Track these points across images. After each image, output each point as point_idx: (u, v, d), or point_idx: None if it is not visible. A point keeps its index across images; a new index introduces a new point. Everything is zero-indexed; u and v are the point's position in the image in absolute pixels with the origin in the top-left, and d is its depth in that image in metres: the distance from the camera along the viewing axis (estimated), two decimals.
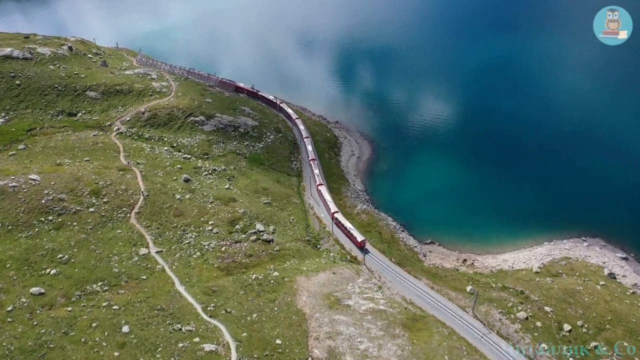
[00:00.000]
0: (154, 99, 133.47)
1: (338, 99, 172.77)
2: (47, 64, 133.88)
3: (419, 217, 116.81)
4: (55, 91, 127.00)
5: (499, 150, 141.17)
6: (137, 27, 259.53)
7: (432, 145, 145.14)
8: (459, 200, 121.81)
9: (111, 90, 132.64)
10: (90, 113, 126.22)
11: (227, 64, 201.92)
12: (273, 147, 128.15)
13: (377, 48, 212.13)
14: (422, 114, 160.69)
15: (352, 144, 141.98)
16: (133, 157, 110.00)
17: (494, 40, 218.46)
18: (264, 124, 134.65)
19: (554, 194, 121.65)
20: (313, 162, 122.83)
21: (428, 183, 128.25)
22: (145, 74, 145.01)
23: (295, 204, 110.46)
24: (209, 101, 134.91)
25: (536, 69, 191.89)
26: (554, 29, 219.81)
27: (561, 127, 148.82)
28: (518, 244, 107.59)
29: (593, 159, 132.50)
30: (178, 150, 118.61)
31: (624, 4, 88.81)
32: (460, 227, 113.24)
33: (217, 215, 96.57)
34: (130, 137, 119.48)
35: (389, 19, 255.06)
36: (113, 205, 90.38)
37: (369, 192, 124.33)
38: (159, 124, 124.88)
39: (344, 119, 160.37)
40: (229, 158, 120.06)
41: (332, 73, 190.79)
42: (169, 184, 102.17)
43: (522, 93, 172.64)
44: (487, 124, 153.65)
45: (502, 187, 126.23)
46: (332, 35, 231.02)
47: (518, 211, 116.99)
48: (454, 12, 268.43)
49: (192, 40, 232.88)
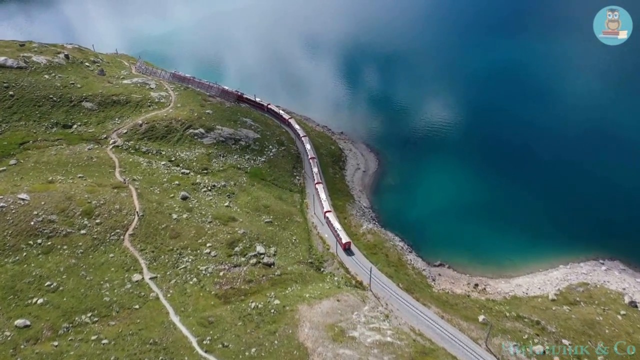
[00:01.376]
0: (152, 110, 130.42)
1: (343, 108, 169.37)
2: (42, 73, 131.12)
3: (428, 236, 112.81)
4: (50, 102, 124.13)
5: (511, 163, 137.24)
6: (139, 30, 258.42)
7: (440, 157, 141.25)
8: (468, 218, 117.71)
9: (108, 100, 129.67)
10: (86, 125, 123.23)
11: (229, 70, 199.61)
12: (275, 161, 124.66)
13: (383, 54, 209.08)
14: (430, 124, 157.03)
15: (357, 156, 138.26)
16: (129, 172, 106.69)
17: (502, 44, 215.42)
18: (265, 136, 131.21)
19: (569, 211, 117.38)
20: (313, 161, 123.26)
21: (436, 199, 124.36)
22: (144, 83, 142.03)
23: (298, 223, 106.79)
24: (209, 112, 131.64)
25: (548, 73, 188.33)
26: (562, 31, 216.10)
27: (577, 136, 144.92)
28: (532, 266, 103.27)
29: (610, 172, 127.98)
30: (176, 165, 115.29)
31: (624, 4, 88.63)
32: (470, 247, 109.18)
33: (215, 236, 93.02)
34: (126, 151, 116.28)
35: (395, 23, 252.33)
36: (106, 227, 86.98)
37: (375, 209, 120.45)
38: (157, 137, 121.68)
39: (349, 129, 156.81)
40: (229, 173, 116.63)
41: (336, 80, 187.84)
42: (165, 202, 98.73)
43: (535, 99, 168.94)
44: (499, 135, 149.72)
45: (514, 203, 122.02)
46: (336, 40, 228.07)
47: (531, 230, 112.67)
48: (461, 15, 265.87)
49: (194, 44, 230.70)
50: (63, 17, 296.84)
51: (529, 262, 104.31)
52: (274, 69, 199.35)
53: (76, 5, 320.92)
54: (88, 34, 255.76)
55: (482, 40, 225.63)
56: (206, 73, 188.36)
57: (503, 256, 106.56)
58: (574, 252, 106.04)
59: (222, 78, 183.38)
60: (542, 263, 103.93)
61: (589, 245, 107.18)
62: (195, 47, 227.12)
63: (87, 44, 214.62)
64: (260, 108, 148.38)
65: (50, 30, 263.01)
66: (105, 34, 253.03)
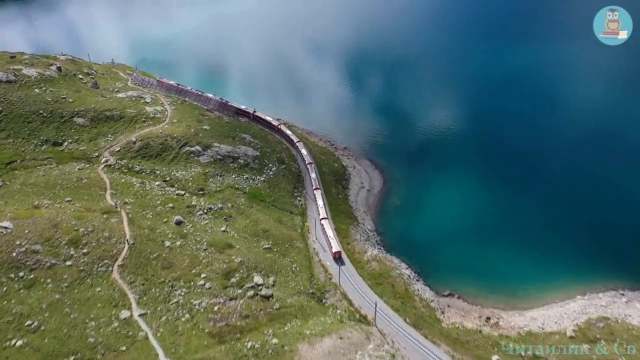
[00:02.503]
0: (147, 125, 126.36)
1: (347, 120, 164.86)
2: (32, 87, 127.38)
3: (436, 262, 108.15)
4: (40, 118, 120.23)
5: (523, 178, 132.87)
6: (139, 36, 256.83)
7: (448, 173, 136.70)
8: (479, 240, 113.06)
9: (101, 116, 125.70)
10: (77, 142, 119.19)
11: (227, 79, 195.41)
12: (275, 180, 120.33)
13: (388, 62, 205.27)
14: (437, 137, 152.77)
15: (361, 174, 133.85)
16: (120, 195, 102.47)
17: (509, 50, 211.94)
18: (265, 153, 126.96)
19: (586, 233, 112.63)
20: (310, 166, 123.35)
21: (444, 219, 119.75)
22: (139, 97, 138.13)
23: (299, 249, 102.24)
24: (206, 128, 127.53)
25: (559, 79, 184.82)
26: (570, 34, 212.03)
27: (594, 149, 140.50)
28: (547, 297, 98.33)
29: (632, 190, 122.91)
30: (171, 185, 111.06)
31: (624, 4, 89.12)
32: (481, 273, 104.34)
33: (210, 265, 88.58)
34: (119, 170, 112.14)
35: (399, 29, 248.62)
36: (93, 257, 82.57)
37: (380, 232, 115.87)
38: (151, 155, 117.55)
39: (353, 144, 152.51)
40: (226, 194, 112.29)
41: (340, 91, 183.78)
42: (158, 228, 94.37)
43: (547, 108, 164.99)
44: (511, 147, 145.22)
45: (527, 223, 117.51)
46: (339, 48, 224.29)
47: (546, 254, 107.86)
48: (466, 19, 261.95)
49: (193, 51, 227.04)
50: (63, 21, 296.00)
51: (544, 292, 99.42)
52: (275, 79, 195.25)
53: (76, 8, 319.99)
54: (87, 39, 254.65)
55: (489, 46, 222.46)
56: (205, 82, 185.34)
57: (516, 284, 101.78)
58: (592, 281, 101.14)
59: (220, 88, 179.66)
60: (557, 293, 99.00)
61: (608, 273, 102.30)
62: (194, 54, 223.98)
63: (85, 49, 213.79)
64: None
65: (49, 35, 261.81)
66: (105, 39, 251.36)
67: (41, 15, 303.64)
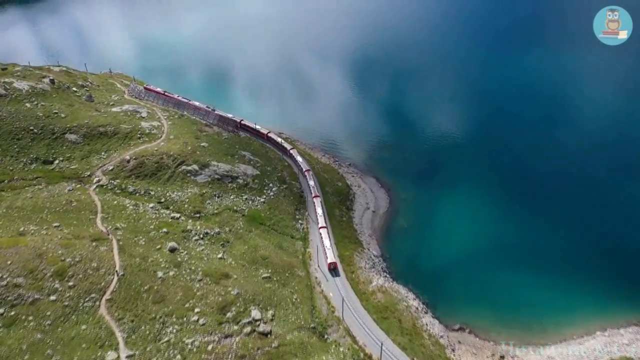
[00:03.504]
0: (142, 142, 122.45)
1: (352, 135, 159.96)
2: (23, 101, 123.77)
3: (445, 291, 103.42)
4: (30, 134, 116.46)
5: (538, 197, 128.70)
6: (141, 40, 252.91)
7: (458, 192, 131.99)
8: (491, 267, 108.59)
9: (94, 132, 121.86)
10: (69, 160, 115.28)
11: (230, 91, 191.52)
12: (276, 201, 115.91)
13: (395, 72, 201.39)
14: (446, 153, 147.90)
15: (366, 193, 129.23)
16: (112, 219, 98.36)
17: (522, 58, 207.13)
18: (266, 172, 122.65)
19: (605, 260, 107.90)
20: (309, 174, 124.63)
21: (454, 244, 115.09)
22: (135, 111, 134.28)
23: (300, 278, 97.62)
24: (204, 145, 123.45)
25: (575, 90, 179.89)
26: (585, 42, 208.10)
27: (615, 166, 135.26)
28: (565, 332, 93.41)
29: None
30: (166, 208, 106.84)
31: (624, 4, 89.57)
32: (494, 305, 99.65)
33: (205, 298, 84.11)
34: (111, 191, 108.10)
35: (407, 37, 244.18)
36: (80, 291, 78.32)
37: (386, 258, 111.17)
38: (146, 175, 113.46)
39: (358, 159, 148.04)
40: (224, 217, 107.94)
41: (345, 104, 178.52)
42: (150, 257, 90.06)
43: (564, 121, 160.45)
44: (525, 165, 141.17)
45: (542, 248, 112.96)
46: (344, 57, 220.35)
47: (562, 284, 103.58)
48: (476, 26, 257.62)
49: (195, 58, 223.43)
50: (65, 24, 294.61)
51: (561, 326, 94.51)
52: (278, 89, 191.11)
53: (79, 11, 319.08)
54: (88, 43, 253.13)
55: (500, 53, 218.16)
56: (206, 91, 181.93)
57: (531, 317, 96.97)
58: (613, 314, 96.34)
59: (222, 99, 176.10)
60: (576, 328, 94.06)
61: (630, 305, 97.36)
62: (195, 61, 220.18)
63: (85, 54, 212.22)
64: (263, 138, 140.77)
65: (50, 39, 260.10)
66: (106, 44, 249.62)
67: (43, 18, 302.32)
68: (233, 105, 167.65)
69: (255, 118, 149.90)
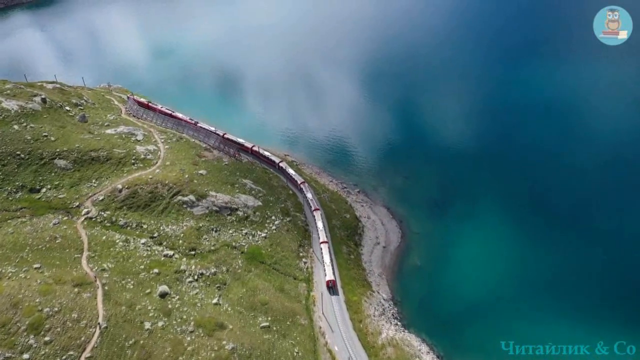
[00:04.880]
0: (136, 169, 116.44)
1: (362, 159, 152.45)
2: (11, 123, 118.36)
3: (463, 341, 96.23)
4: (16, 160, 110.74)
5: (569, 237, 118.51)
6: (149, 47, 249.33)
7: (479, 228, 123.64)
8: (515, 314, 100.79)
9: (85, 157, 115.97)
10: (57, 188, 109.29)
11: (231, 105, 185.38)
12: (278, 236, 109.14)
13: (409, 92, 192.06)
14: (467, 184, 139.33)
15: (376, 226, 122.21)
16: (99, 258, 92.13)
17: (543, 69, 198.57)
18: (268, 203, 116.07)
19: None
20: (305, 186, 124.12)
21: (473, 287, 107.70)
22: (130, 133, 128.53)
23: (302, 327, 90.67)
24: (202, 173, 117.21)
25: (606, 109, 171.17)
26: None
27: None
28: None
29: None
30: (159, 244, 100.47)
31: (624, 4, 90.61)
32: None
33: (196, 354, 77.42)
34: (101, 225, 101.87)
35: (421, 47, 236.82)
36: (56, 347, 71.89)
37: (397, 302, 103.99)
38: (139, 206, 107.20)
39: (369, 186, 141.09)
40: (221, 254, 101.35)
41: (354, 125, 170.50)
42: (138, 304, 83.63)
43: (594, 139, 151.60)
44: (557, 197, 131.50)
45: (574, 296, 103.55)
46: (354, 72, 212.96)
47: (602, 333, 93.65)
48: (495, 35, 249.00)
49: (198, 68, 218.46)
50: (72, 28, 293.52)
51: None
52: (285, 107, 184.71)
53: (88, 15, 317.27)
54: (90, 51, 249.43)
55: (519, 67, 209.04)
56: (206, 106, 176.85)
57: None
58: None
59: (222, 114, 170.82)
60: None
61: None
62: (199, 72, 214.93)
63: (84, 64, 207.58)
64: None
65: (56, 42, 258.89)
66: (108, 51, 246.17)
67: (51, 22, 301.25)
68: (234, 124, 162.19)
69: (261, 140, 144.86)
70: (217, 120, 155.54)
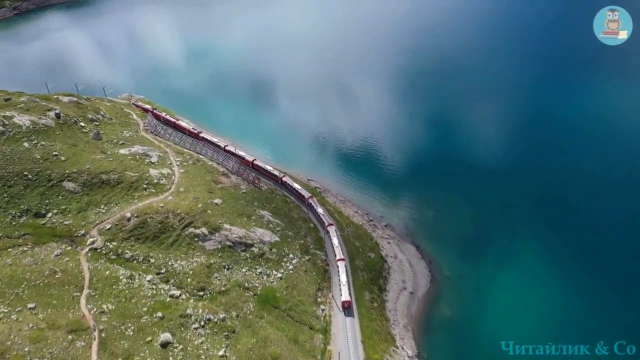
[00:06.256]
0: (148, 195, 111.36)
1: (392, 187, 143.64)
2: (21, 140, 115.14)
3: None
4: (23, 181, 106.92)
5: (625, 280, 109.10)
6: (181, 51, 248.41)
7: (517, 273, 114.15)
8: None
9: (95, 180, 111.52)
10: (64, 214, 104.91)
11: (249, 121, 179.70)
12: (295, 278, 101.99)
13: (446, 112, 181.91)
14: (502, 219, 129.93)
15: (403, 267, 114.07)
16: (100, 297, 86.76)
17: (599, 88, 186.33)
18: (286, 239, 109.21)
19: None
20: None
21: (512, 344, 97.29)
22: (144, 154, 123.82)
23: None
24: (217, 203, 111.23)
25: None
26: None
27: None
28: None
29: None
30: (165, 281, 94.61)
31: (624, 4, 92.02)
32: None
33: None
34: (105, 257, 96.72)
35: (461, 61, 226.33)
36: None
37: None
38: (147, 237, 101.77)
39: (397, 219, 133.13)
40: (232, 296, 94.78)
41: (383, 148, 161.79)
42: (137, 354, 77.75)
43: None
44: (603, 232, 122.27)
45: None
46: (388, 86, 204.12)
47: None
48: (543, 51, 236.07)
49: (226, 76, 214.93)
50: (106, 28, 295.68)
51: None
52: (312, 123, 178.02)
53: (122, 16, 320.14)
54: (118, 54, 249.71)
55: (567, 85, 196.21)
56: (231, 119, 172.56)
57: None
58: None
59: (247, 134, 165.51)
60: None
61: None
62: (225, 80, 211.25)
63: (111, 69, 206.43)
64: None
65: (87, 42, 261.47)
66: (136, 55, 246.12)
67: (80, 24, 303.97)
68: (257, 142, 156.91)
69: (284, 161, 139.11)
70: (235, 136, 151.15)
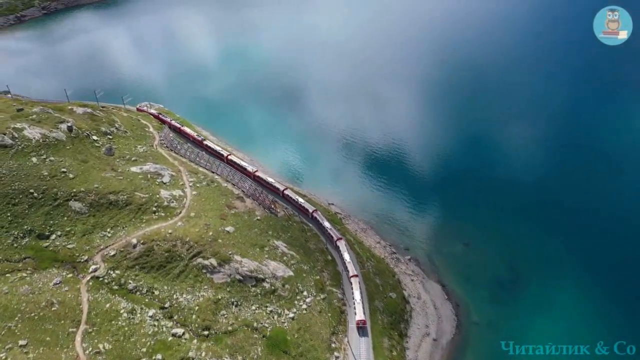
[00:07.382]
0: (157, 219, 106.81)
1: (418, 216, 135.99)
2: (30, 154, 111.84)
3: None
4: (29, 199, 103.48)
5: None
6: (208, 56, 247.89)
7: (558, 323, 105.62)
8: None
9: (103, 200, 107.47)
10: (67, 236, 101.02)
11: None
12: (309, 319, 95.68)
13: (483, 133, 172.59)
14: (538, 260, 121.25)
15: (427, 310, 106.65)
16: (97, 334, 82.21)
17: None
18: (301, 273, 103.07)
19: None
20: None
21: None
22: (156, 173, 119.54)
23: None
24: (229, 231, 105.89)
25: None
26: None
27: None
28: None
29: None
30: (169, 317, 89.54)
31: (624, 4, 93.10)
32: None
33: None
34: (107, 287, 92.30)
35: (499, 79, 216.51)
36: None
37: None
38: (153, 266, 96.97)
39: (422, 253, 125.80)
40: (239, 337, 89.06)
41: (410, 173, 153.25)
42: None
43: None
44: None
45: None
46: (420, 102, 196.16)
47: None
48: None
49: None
50: (135, 28, 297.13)
51: None
52: (336, 142, 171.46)
53: (147, 17, 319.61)
54: (143, 59, 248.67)
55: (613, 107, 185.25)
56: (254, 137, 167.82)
57: None
58: None
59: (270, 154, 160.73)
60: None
61: None
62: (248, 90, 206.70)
63: (134, 74, 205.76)
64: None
65: (114, 44, 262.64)
66: (161, 60, 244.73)
67: (112, 22, 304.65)
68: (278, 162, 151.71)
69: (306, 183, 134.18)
70: (254, 152, 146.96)
